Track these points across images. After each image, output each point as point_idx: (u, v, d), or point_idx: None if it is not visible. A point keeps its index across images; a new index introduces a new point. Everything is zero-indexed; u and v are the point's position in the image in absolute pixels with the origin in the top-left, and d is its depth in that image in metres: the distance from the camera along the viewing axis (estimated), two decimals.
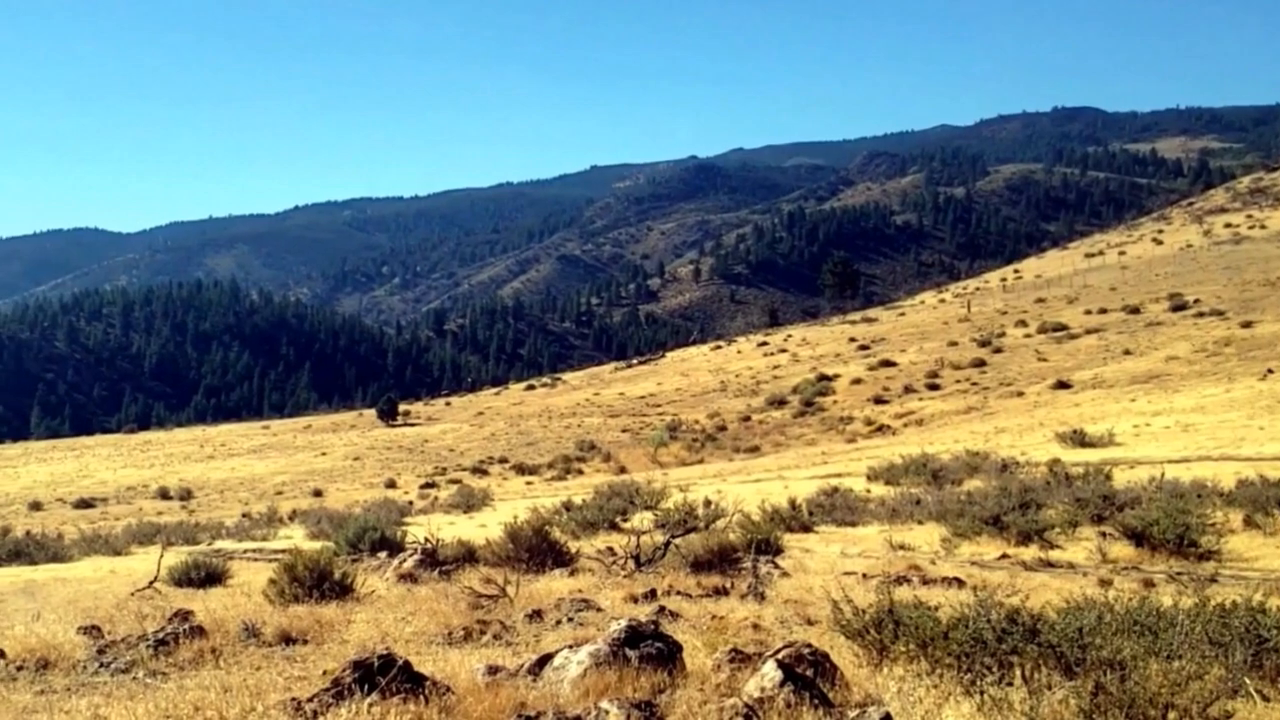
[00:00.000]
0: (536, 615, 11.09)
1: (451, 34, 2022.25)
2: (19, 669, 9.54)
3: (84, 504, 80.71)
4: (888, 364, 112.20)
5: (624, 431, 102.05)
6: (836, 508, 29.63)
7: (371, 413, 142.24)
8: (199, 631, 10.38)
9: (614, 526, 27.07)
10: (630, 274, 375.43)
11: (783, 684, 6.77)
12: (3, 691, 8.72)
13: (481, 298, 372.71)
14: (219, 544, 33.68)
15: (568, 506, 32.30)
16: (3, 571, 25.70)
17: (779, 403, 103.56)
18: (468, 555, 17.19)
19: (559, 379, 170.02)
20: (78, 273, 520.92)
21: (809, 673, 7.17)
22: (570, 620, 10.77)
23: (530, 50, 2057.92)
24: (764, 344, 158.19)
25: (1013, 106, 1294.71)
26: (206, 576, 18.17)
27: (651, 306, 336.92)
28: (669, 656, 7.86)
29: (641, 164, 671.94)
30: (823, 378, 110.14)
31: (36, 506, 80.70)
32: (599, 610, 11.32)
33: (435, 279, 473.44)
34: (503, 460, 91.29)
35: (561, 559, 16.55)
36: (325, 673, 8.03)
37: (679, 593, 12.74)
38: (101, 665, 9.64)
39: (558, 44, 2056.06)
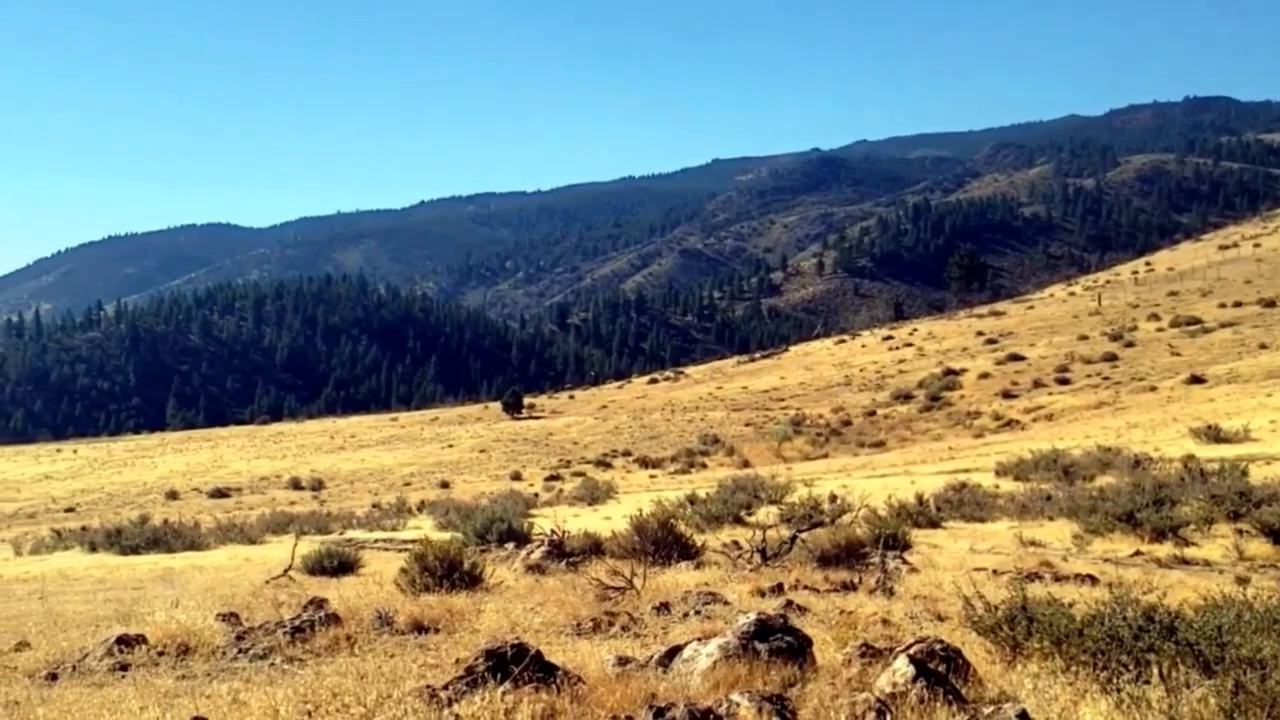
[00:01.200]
0: (664, 608, 11.11)
1: (573, 31, 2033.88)
2: (160, 654, 9.80)
3: (219, 493, 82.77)
4: (1016, 358, 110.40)
5: (747, 425, 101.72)
6: (965, 503, 29.27)
7: (497, 405, 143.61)
8: (334, 619, 10.57)
9: (738, 520, 27.03)
10: (752, 267, 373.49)
11: (915, 679, 6.71)
12: (146, 676, 8.96)
13: (604, 292, 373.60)
14: (350, 534, 34.30)
15: (692, 500, 32.36)
16: (142, 559, 26.50)
17: (904, 397, 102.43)
18: (594, 547, 17.28)
19: (681, 373, 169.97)
20: (210, 267, 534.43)
21: (941, 669, 7.09)
22: (697, 613, 10.76)
23: (651, 45, 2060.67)
24: (889, 338, 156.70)
25: (1143, 96, 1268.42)
26: (339, 565, 18.54)
27: (774, 300, 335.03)
28: (799, 650, 7.82)
29: (763, 157, 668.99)
30: (949, 372, 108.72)
31: (173, 496, 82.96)
32: (726, 603, 11.30)
33: (558, 273, 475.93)
34: (626, 453, 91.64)
35: (687, 552, 16.55)
36: (458, 661, 8.13)
37: (806, 587, 12.67)
38: (240, 651, 9.86)
39: (679, 38, 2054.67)
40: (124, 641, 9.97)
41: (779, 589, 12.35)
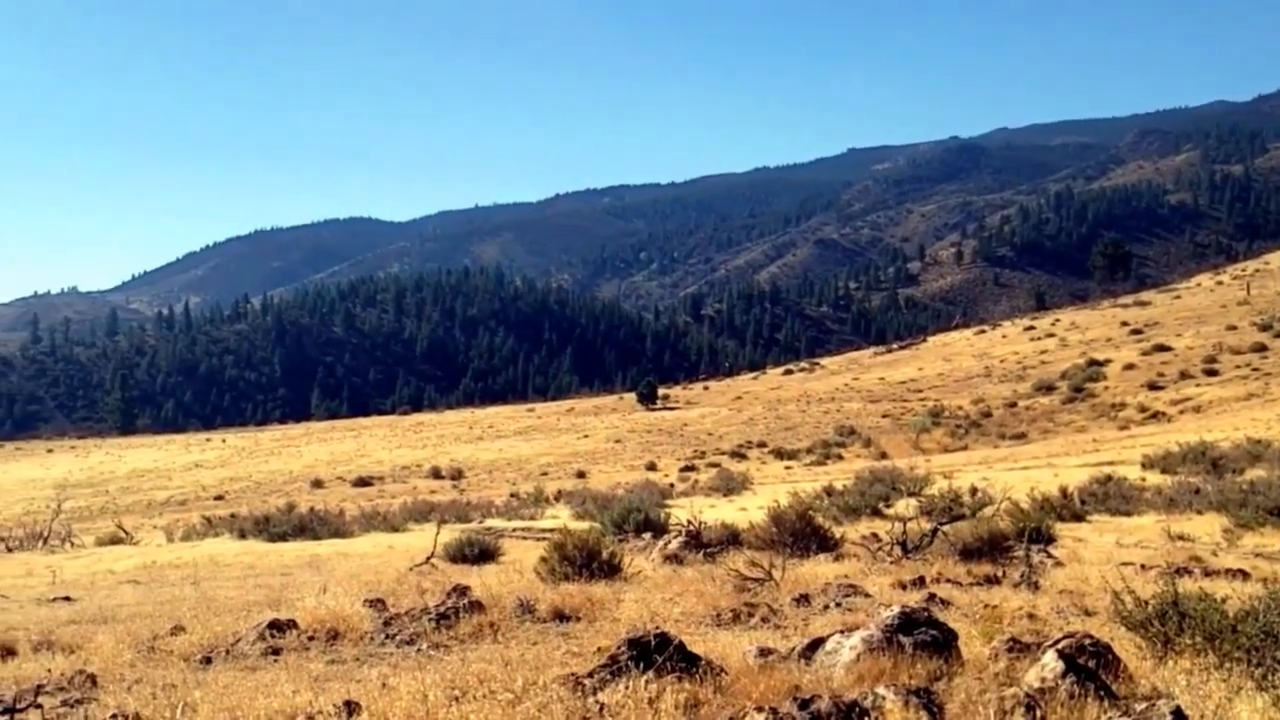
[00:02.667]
0: (803, 599, 11.07)
1: (707, 22, 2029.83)
2: (310, 639, 10.05)
3: (362, 482, 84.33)
4: (1162, 349, 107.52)
5: (884, 417, 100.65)
6: (1110, 496, 28.61)
7: (631, 396, 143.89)
8: (477, 606, 10.73)
9: (876, 513, 26.83)
10: (889, 257, 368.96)
11: (1064, 674, 6.60)
12: (297, 660, 9.21)
13: (738, 283, 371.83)
14: (489, 522, 34.74)
15: (829, 492, 32.19)
16: (290, 546, 27.17)
17: (1046, 389, 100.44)
18: (731, 538, 17.27)
19: (816, 363, 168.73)
20: (352, 261, 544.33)
21: (1091, 664, 6.96)
22: (838, 605, 10.70)
23: (786, 34, 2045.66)
24: (1030, 328, 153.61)
25: None
26: (480, 553, 18.81)
27: (911, 290, 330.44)
28: (944, 644, 7.73)
29: (900, 145, 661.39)
30: (1093, 363, 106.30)
31: (318, 484, 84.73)
32: (866, 596, 11.23)
33: (692, 264, 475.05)
34: (761, 444, 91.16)
35: (825, 544, 16.47)
36: (600, 650, 8.19)
37: (948, 580, 12.53)
38: (387, 637, 10.06)
39: (813, 25, 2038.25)
40: (275, 626, 10.24)
41: (920, 582, 12.24)
